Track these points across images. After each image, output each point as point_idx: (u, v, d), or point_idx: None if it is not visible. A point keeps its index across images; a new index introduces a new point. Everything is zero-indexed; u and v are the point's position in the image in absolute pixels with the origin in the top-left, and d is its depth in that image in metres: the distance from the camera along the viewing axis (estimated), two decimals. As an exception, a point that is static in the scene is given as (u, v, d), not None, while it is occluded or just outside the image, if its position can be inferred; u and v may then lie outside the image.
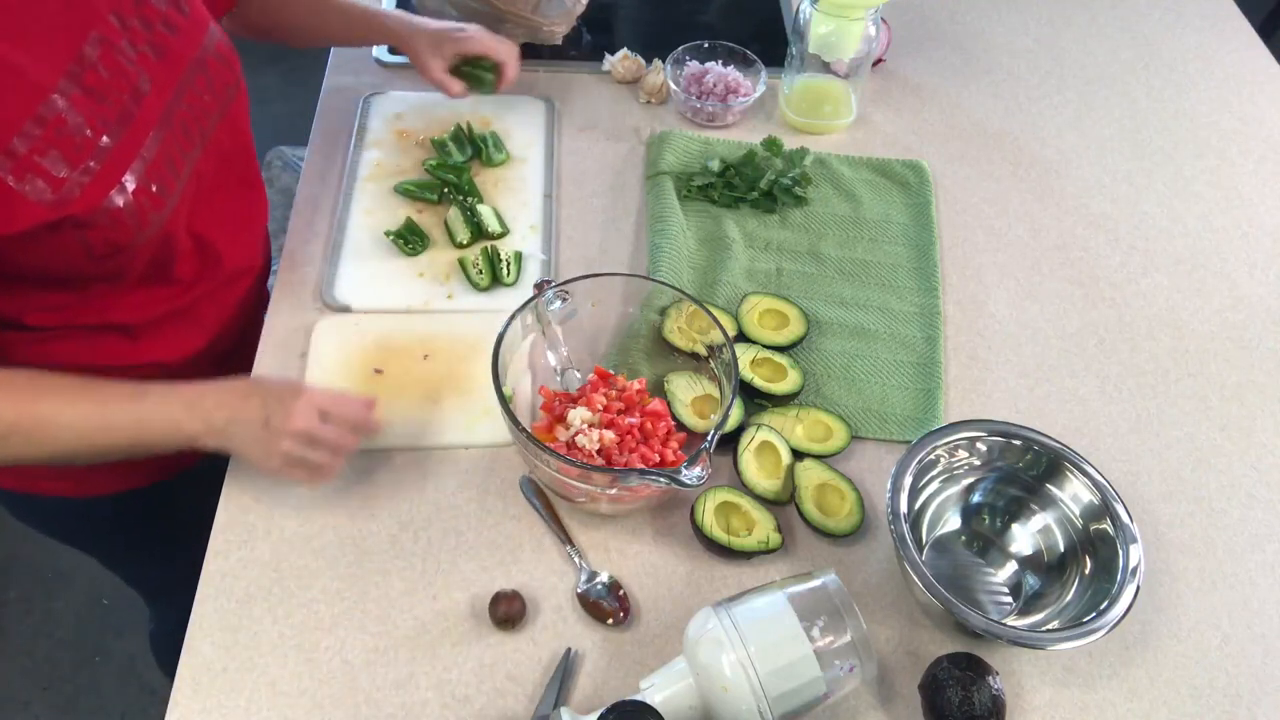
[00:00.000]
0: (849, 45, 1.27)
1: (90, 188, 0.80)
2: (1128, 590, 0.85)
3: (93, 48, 0.81)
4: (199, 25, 0.93)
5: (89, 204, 0.80)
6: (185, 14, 0.91)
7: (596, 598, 0.90)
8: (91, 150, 0.80)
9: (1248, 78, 1.53)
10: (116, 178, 0.82)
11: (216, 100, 0.95)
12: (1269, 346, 1.17)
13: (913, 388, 1.08)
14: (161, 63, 0.87)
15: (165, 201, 0.88)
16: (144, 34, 0.86)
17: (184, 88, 0.90)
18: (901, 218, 1.26)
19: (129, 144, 0.83)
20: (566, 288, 0.98)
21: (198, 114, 0.92)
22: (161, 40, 0.88)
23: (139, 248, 0.88)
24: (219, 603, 0.88)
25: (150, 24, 0.87)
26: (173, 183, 0.89)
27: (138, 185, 0.83)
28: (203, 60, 0.92)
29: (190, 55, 0.91)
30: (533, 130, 1.31)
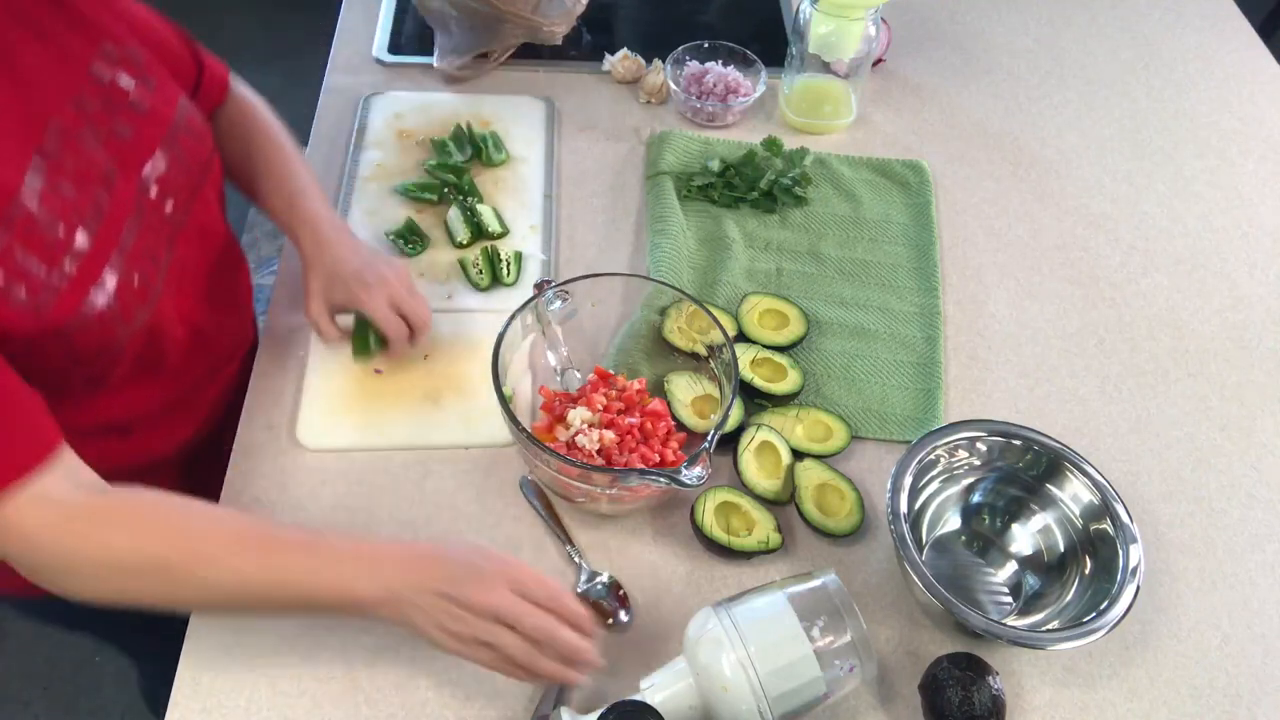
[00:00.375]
0: (849, 45, 1.27)
1: (69, 291, 0.74)
2: (1128, 590, 0.85)
3: (54, 139, 0.75)
4: (167, 101, 0.87)
5: (69, 308, 0.74)
6: (151, 89, 0.85)
7: (596, 598, 0.89)
8: (65, 249, 0.74)
9: (1248, 78, 1.53)
10: (95, 275, 0.76)
11: (190, 178, 0.89)
12: (1269, 346, 1.17)
13: (913, 388, 1.08)
14: (129, 145, 0.82)
15: (149, 293, 0.83)
16: (108, 118, 0.80)
17: (155, 169, 0.84)
18: (901, 218, 1.26)
19: (105, 238, 0.78)
20: (566, 288, 0.98)
21: (170, 194, 0.86)
22: (128, 121, 0.82)
23: (125, 345, 0.83)
24: (219, 603, 0.88)
25: (114, 106, 0.81)
26: (154, 272, 0.84)
27: (119, 281, 0.78)
28: (173, 138, 0.87)
29: (160, 134, 0.85)
30: (533, 130, 1.31)
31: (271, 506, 0.94)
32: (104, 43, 0.83)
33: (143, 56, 0.86)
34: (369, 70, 1.39)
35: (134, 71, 0.84)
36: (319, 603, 0.75)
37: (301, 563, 0.74)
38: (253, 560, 0.74)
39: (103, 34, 0.83)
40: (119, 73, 0.83)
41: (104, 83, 0.81)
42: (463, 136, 1.27)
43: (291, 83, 3.00)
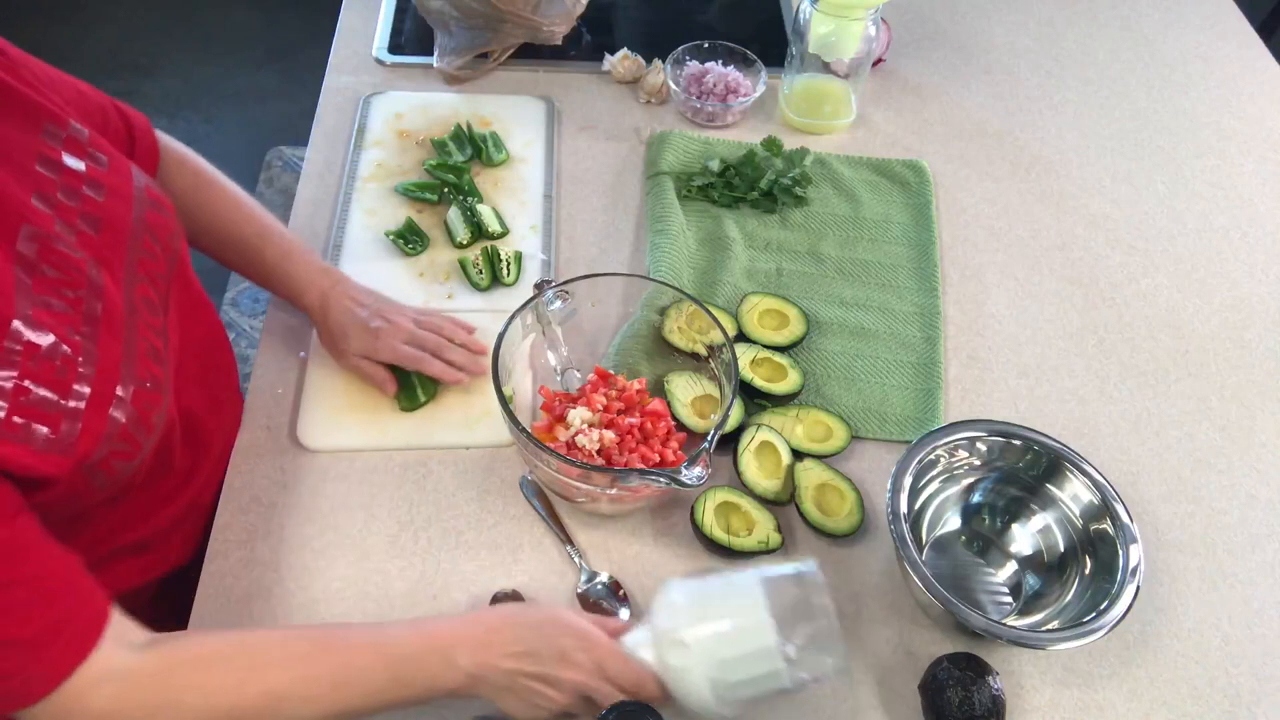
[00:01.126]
0: (849, 45, 1.27)
1: (90, 415, 0.68)
2: (1128, 590, 0.85)
3: (28, 247, 0.68)
4: (122, 174, 0.80)
5: (96, 435, 0.68)
6: (103, 166, 0.78)
7: (596, 598, 0.89)
8: (73, 371, 0.67)
9: (1248, 78, 1.53)
10: (111, 393, 0.70)
11: (165, 257, 0.83)
12: (1269, 346, 1.17)
13: (913, 388, 1.08)
14: (102, 237, 0.75)
15: (161, 395, 0.77)
16: (74, 207, 0.73)
17: (134, 258, 0.78)
18: (901, 218, 1.26)
19: (108, 347, 0.71)
20: (566, 288, 0.98)
21: (155, 281, 0.80)
22: (93, 209, 0.75)
23: (147, 454, 0.77)
24: (219, 603, 0.88)
25: (75, 192, 0.74)
26: (160, 371, 0.77)
27: (133, 389, 0.72)
28: (141, 217, 0.80)
29: (128, 217, 0.78)
30: (533, 130, 1.31)
31: (272, 506, 0.94)
32: (45, 124, 0.75)
33: (84, 131, 0.79)
34: (369, 70, 1.39)
35: (80, 151, 0.77)
36: (407, 703, 0.73)
37: (377, 679, 0.71)
38: (326, 688, 0.70)
39: (40, 114, 0.75)
40: (67, 154, 0.75)
41: (57, 170, 0.74)
42: (463, 136, 1.27)
43: (291, 83, 3.02)
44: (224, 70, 3.01)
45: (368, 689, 0.71)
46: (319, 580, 0.90)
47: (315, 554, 0.91)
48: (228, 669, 0.69)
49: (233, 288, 2.45)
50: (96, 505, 0.77)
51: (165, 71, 0.92)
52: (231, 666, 0.70)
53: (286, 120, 2.84)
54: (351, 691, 0.71)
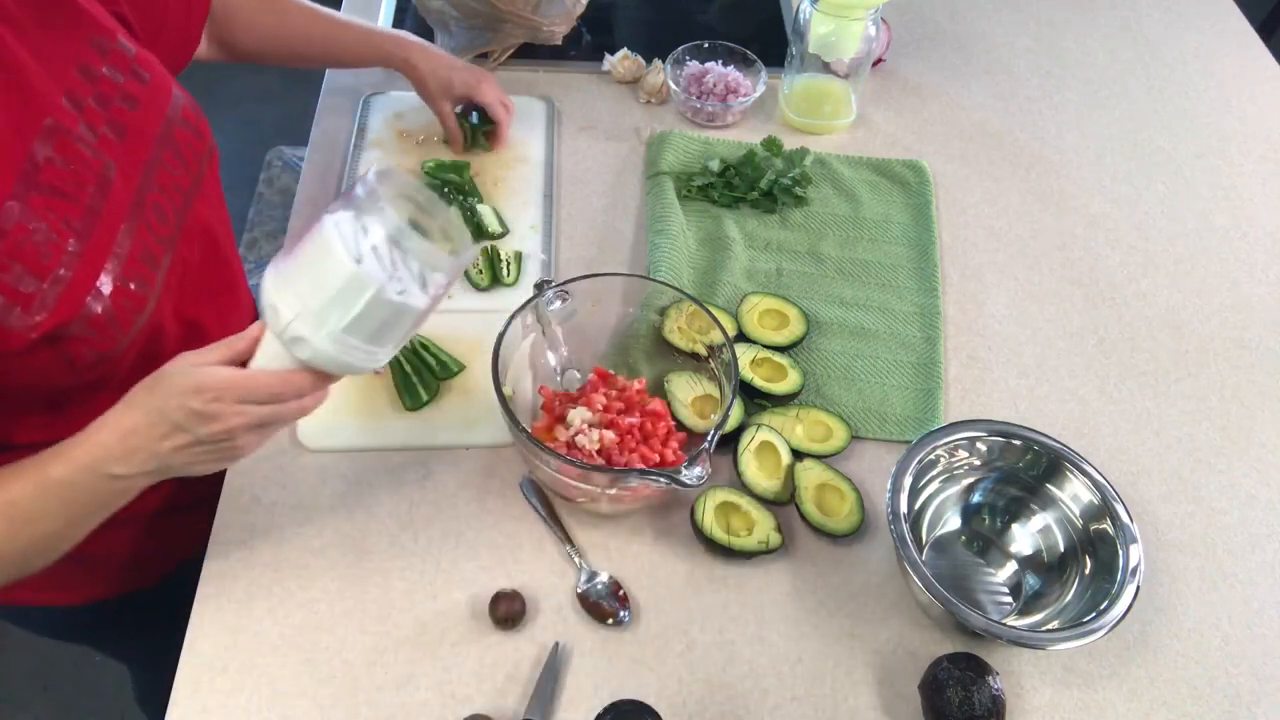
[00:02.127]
0: (849, 45, 1.27)
1: (63, 299, 0.72)
2: (1128, 590, 0.85)
3: (45, 142, 0.73)
4: (162, 92, 0.85)
5: (63, 316, 0.72)
6: (145, 82, 0.83)
7: (596, 598, 0.90)
8: (59, 257, 0.72)
9: (1248, 78, 1.53)
10: (90, 283, 0.74)
11: (189, 174, 0.87)
12: (1269, 346, 1.17)
13: (913, 388, 1.08)
14: (125, 144, 0.79)
15: (147, 298, 0.80)
16: (102, 114, 0.78)
17: (153, 167, 0.82)
18: (901, 218, 1.26)
19: (99, 243, 0.75)
20: (566, 288, 0.98)
21: (170, 193, 0.84)
22: (121, 117, 0.80)
23: (125, 350, 0.80)
24: (219, 603, 0.88)
25: (108, 101, 0.79)
26: (153, 275, 0.81)
27: (114, 286, 0.76)
28: (169, 133, 0.84)
29: (155, 130, 0.83)
30: (533, 130, 1.31)
31: (272, 506, 0.94)
32: (94, 36, 0.81)
33: (132, 49, 0.84)
34: (369, 70, 1.39)
35: (124, 66, 0.82)
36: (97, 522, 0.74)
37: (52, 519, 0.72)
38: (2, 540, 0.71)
39: (92, 27, 0.81)
40: (109, 67, 0.81)
41: (95, 79, 0.79)
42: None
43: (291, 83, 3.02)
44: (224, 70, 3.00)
45: (47, 530, 0.73)
46: (319, 580, 0.90)
47: (315, 554, 0.91)
48: None
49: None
50: (81, 389, 0.79)
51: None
52: None
53: (286, 120, 2.84)
54: (33, 535, 0.72)
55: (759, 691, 0.86)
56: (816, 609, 0.91)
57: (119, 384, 0.81)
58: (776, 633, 0.90)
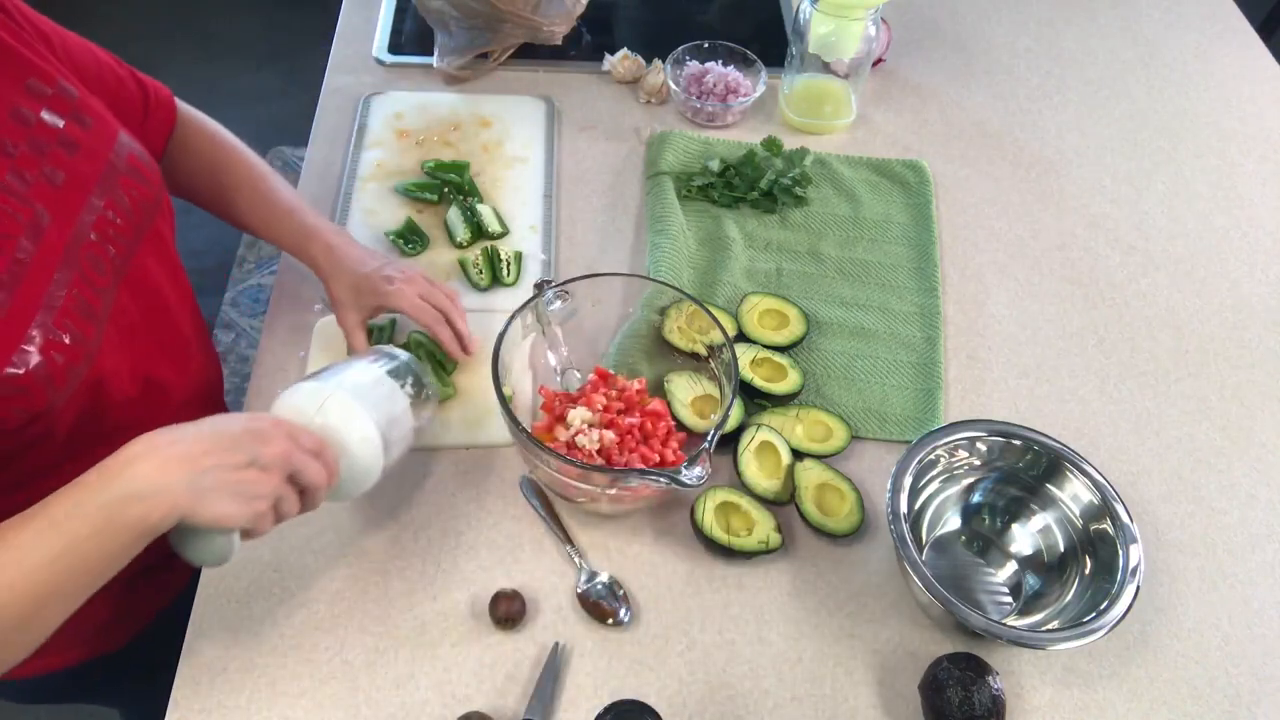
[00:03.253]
0: (849, 45, 1.27)
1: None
2: (1128, 590, 0.85)
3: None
4: (105, 139, 0.81)
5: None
6: (86, 127, 0.79)
7: (596, 598, 0.89)
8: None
9: (1248, 78, 1.53)
10: (18, 339, 0.70)
11: (130, 223, 0.83)
12: (1269, 346, 1.17)
13: (913, 388, 1.08)
14: (59, 190, 0.76)
15: (83, 351, 0.75)
16: (37, 160, 0.74)
17: (89, 215, 0.78)
18: (901, 218, 1.26)
19: (28, 295, 0.71)
20: (566, 288, 0.98)
21: (110, 241, 0.80)
22: (58, 163, 0.76)
23: (61, 408, 0.76)
24: (219, 603, 0.88)
25: (43, 147, 0.75)
26: (89, 328, 0.76)
27: (45, 340, 0.71)
28: (112, 180, 0.80)
29: (95, 177, 0.79)
30: (533, 130, 1.31)
31: (271, 506, 0.94)
32: (29, 79, 0.77)
33: (75, 92, 0.80)
34: (369, 70, 1.39)
35: (64, 109, 0.78)
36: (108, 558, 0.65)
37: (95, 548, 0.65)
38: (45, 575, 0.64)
39: (27, 70, 0.77)
40: (45, 111, 0.77)
41: (29, 124, 0.75)
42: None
43: (291, 83, 3.02)
44: (224, 70, 3.01)
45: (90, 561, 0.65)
46: (319, 580, 0.90)
47: (315, 554, 0.91)
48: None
49: (233, 288, 2.45)
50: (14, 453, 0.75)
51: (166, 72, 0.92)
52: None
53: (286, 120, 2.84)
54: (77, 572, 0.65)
55: (759, 691, 0.86)
56: (816, 609, 0.91)
57: (58, 445, 0.77)
58: (776, 633, 0.90)
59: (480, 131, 1.29)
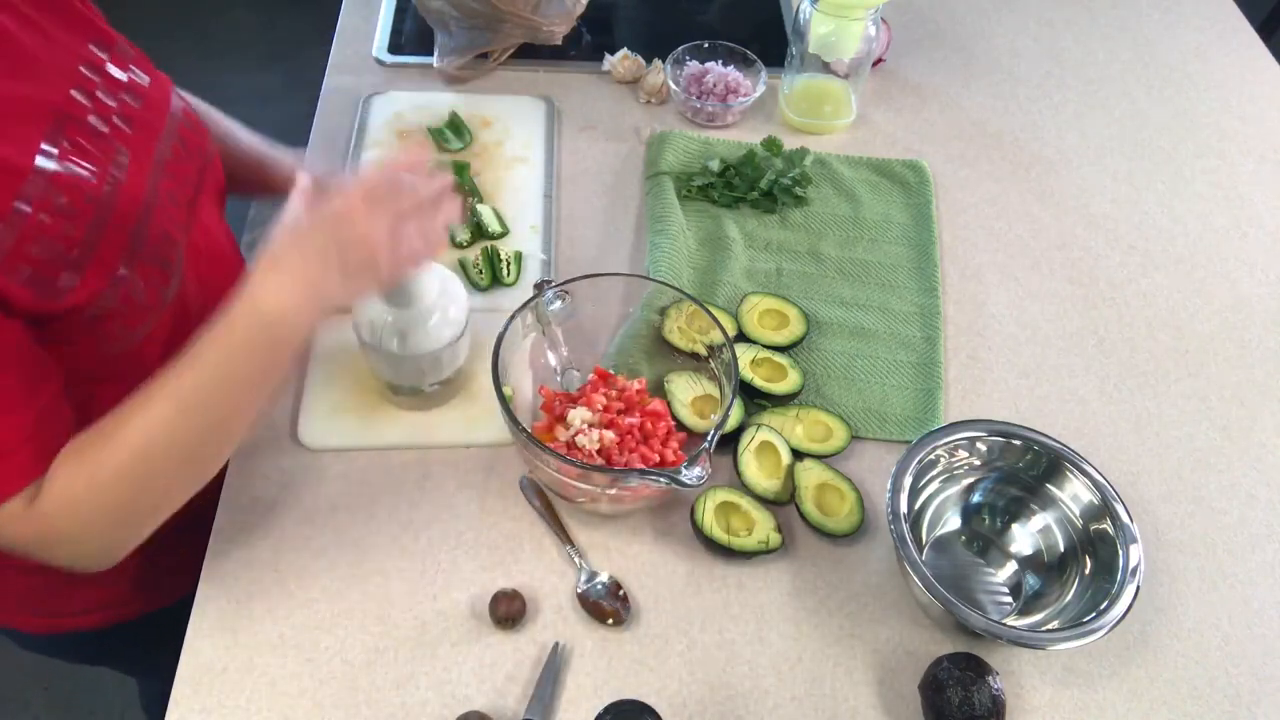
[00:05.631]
0: (849, 45, 1.27)
1: (90, 275, 0.73)
2: (1128, 590, 0.85)
3: (60, 122, 0.74)
4: (163, 91, 0.87)
5: (94, 287, 0.74)
6: (145, 81, 0.85)
7: (596, 598, 0.90)
8: (81, 232, 0.73)
9: (1248, 78, 1.53)
10: (115, 263, 0.76)
11: (195, 167, 0.89)
12: (1269, 346, 1.17)
13: (913, 388, 1.08)
14: (134, 133, 0.81)
15: (170, 275, 0.82)
16: (111, 105, 0.80)
17: (162, 155, 0.84)
18: (901, 218, 1.26)
19: (120, 218, 0.77)
20: (566, 288, 0.98)
21: (181, 183, 0.86)
22: (128, 110, 0.82)
23: (153, 331, 0.82)
24: (219, 603, 0.88)
25: (114, 93, 0.81)
26: (172, 254, 0.83)
27: (139, 266, 0.78)
28: (173, 128, 0.87)
29: (161, 124, 0.85)
30: (533, 130, 1.31)
31: (272, 506, 0.94)
32: (94, 36, 0.83)
33: (130, 51, 0.86)
34: (369, 70, 1.39)
35: (123, 65, 0.84)
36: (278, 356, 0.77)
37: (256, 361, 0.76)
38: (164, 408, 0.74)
39: (89, 28, 0.83)
40: (110, 65, 0.82)
41: (100, 73, 0.81)
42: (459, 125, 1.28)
43: (291, 83, 3.02)
44: (224, 71, 3.01)
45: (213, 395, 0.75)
46: (319, 580, 0.90)
47: (315, 554, 0.91)
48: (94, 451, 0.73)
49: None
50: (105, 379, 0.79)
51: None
52: (95, 447, 0.73)
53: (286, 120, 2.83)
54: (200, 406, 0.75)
55: (759, 691, 0.86)
56: (816, 609, 0.91)
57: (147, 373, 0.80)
58: (776, 633, 0.90)
59: (480, 131, 1.29)
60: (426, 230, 0.81)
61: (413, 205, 0.80)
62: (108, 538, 0.77)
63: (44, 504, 0.71)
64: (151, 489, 0.76)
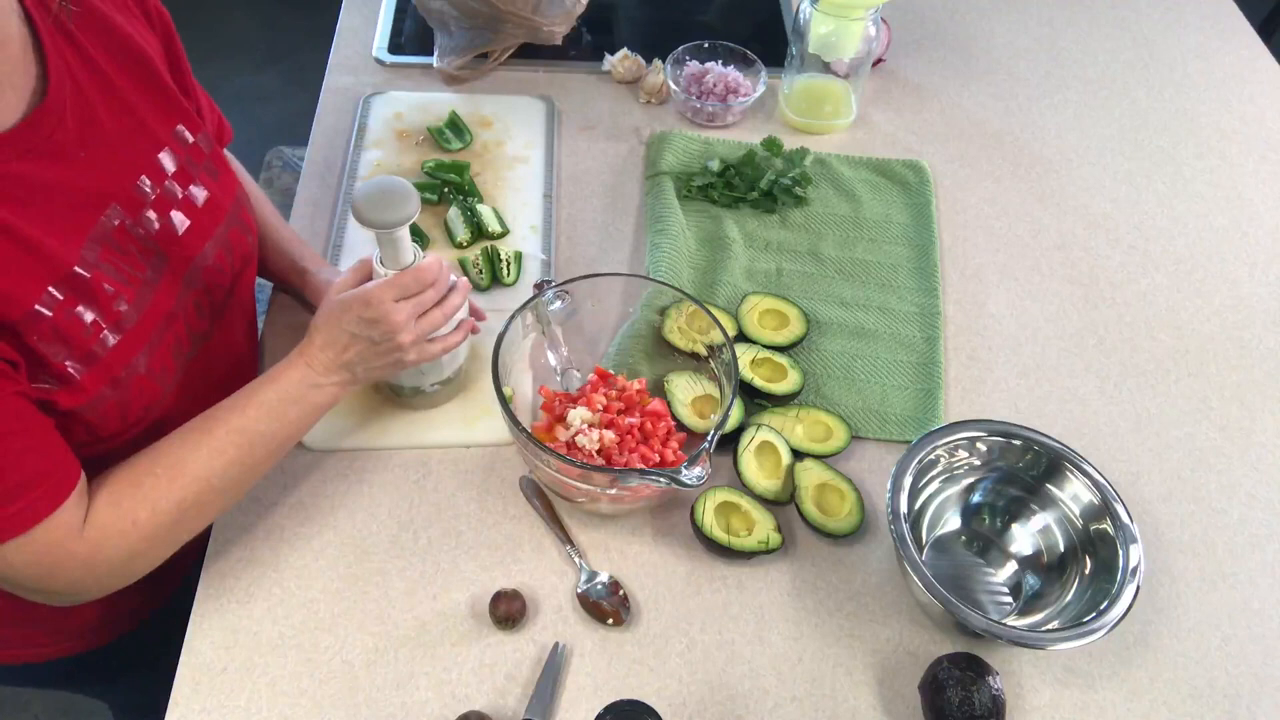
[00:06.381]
0: (849, 45, 1.27)
1: (87, 378, 0.74)
2: (1128, 590, 0.85)
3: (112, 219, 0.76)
4: (228, 191, 0.90)
5: (83, 397, 0.74)
6: (215, 178, 0.88)
7: (596, 598, 0.89)
8: (97, 337, 0.75)
9: (1248, 78, 1.53)
10: (120, 368, 0.77)
11: (232, 272, 0.91)
12: (1269, 346, 1.17)
13: (913, 388, 1.08)
14: (183, 236, 0.83)
15: (162, 389, 0.83)
16: (174, 200, 0.82)
17: (201, 263, 0.86)
18: (901, 218, 1.26)
19: (141, 330, 0.79)
20: (566, 288, 0.98)
21: (212, 289, 0.88)
22: (189, 211, 0.84)
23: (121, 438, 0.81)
24: (219, 603, 0.88)
25: (181, 189, 0.83)
26: (174, 367, 0.84)
27: (141, 374, 0.79)
28: (225, 231, 0.89)
29: (213, 228, 0.87)
30: (533, 130, 1.31)
31: (272, 506, 0.94)
32: (178, 124, 0.84)
33: (210, 144, 0.88)
34: (369, 70, 1.39)
35: (200, 159, 0.86)
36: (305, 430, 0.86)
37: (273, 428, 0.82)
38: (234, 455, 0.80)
39: (179, 114, 0.84)
40: (187, 158, 0.84)
41: (173, 166, 0.83)
42: (459, 124, 1.28)
43: (291, 82, 3.02)
44: (224, 70, 3.01)
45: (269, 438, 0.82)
46: (319, 580, 0.90)
47: (315, 554, 0.91)
48: (154, 480, 0.77)
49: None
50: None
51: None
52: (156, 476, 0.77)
53: (286, 120, 2.84)
54: (257, 446, 0.81)
55: (759, 691, 0.86)
56: (816, 609, 0.91)
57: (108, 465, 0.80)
58: (776, 633, 0.90)
59: (480, 131, 1.29)
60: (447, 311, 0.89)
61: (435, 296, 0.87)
62: (138, 564, 0.79)
63: (97, 529, 0.74)
64: (200, 518, 0.81)
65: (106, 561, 0.75)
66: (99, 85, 0.76)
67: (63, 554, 0.72)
